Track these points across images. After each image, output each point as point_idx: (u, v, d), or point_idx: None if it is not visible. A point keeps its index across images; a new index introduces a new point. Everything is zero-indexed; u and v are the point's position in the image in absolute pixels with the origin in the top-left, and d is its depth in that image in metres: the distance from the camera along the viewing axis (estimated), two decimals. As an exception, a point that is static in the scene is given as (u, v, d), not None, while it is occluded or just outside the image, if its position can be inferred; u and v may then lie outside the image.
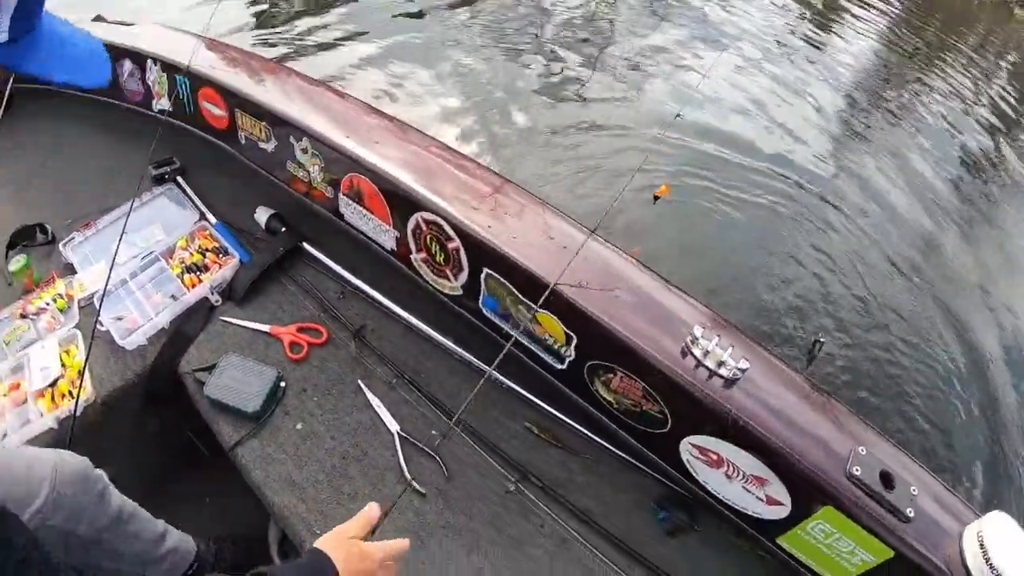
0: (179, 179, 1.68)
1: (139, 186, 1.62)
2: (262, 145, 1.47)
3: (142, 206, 1.64)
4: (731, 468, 1.00)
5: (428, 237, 1.20)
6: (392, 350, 1.32)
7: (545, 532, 1.10)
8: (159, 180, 1.69)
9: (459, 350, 1.31)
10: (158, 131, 1.45)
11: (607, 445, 1.19)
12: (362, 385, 1.25)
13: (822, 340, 2.55)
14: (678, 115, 3.95)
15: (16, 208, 1.72)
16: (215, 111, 1.57)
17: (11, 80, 1.83)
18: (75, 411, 1.23)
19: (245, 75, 1.56)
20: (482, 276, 1.15)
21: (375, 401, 1.23)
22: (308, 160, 1.36)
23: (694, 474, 1.07)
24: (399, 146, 1.33)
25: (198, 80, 1.58)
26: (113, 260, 1.31)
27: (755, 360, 1.00)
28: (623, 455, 1.18)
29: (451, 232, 1.14)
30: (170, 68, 1.64)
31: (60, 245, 1.59)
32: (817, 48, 5.65)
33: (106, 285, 1.35)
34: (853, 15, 6.81)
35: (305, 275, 1.45)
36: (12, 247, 1.69)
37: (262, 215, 1.54)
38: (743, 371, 0.98)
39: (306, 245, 1.48)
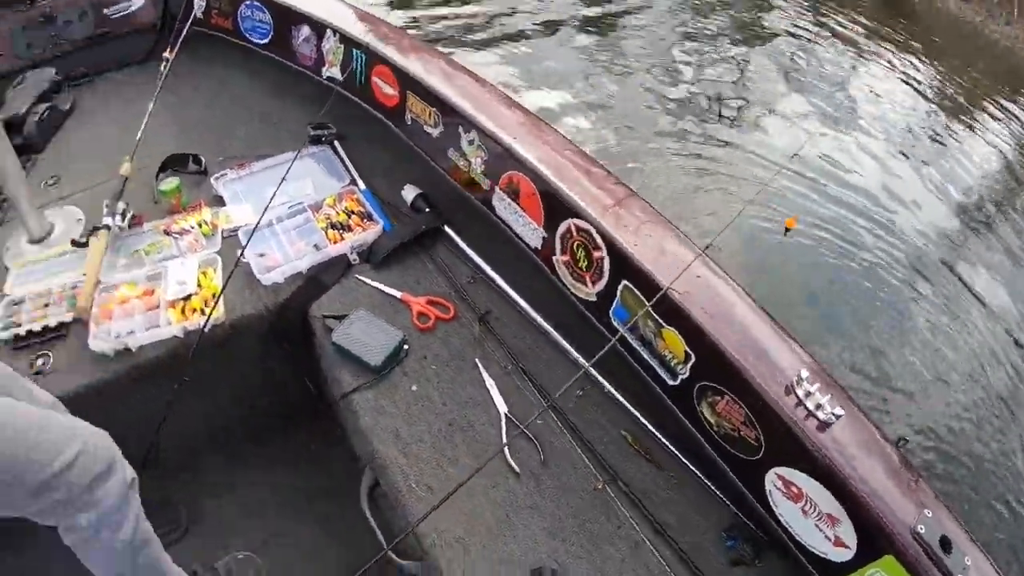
0: (336, 144, 2.27)
1: (303, 143, 2.20)
2: (428, 129, 2.03)
3: (296, 160, 2.15)
4: (809, 504, 1.39)
5: (576, 243, 1.66)
6: (511, 338, 1.78)
7: (621, 535, 1.50)
8: (315, 140, 2.28)
9: (572, 351, 1.72)
10: (332, 97, 2.04)
11: (692, 468, 1.57)
12: (479, 364, 1.71)
13: (907, 440, 2.98)
14: (795, 155, 4.76)
15: (174, 137, 2.38)
16: (386, 89, 2.15)
17: (190, 23, 2.52)
18: (204, 327, 1.74)
19: (417, 60, 2.12)
20: (619, 287, 1.59)
21: (489, 381, 1.68)
22: (472, 151, 1.88)
23: (772, 504, 1.45)
24: (537, 145, 1.81)
25: (375, 57, 2.16)
26: (269, 203, 1.85)
27: (848, 411, 1.37)
28: (705, 479, 1.56)
29: (600, 242, 1.60)
30: (349, 41, 2.25)
31: (212, 179, 2.19)
32: (950, 141, 6.20)
33: (257, 223, 1.88)
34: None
35: (440, 254, 1.97)
36: (163, 170, 2.31)
37: (409, 192, 2.09)
38: (837, 417, 1.37)
39: (446, 228, 2.01)
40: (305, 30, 2.43)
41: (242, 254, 1.85)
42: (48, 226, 2.27)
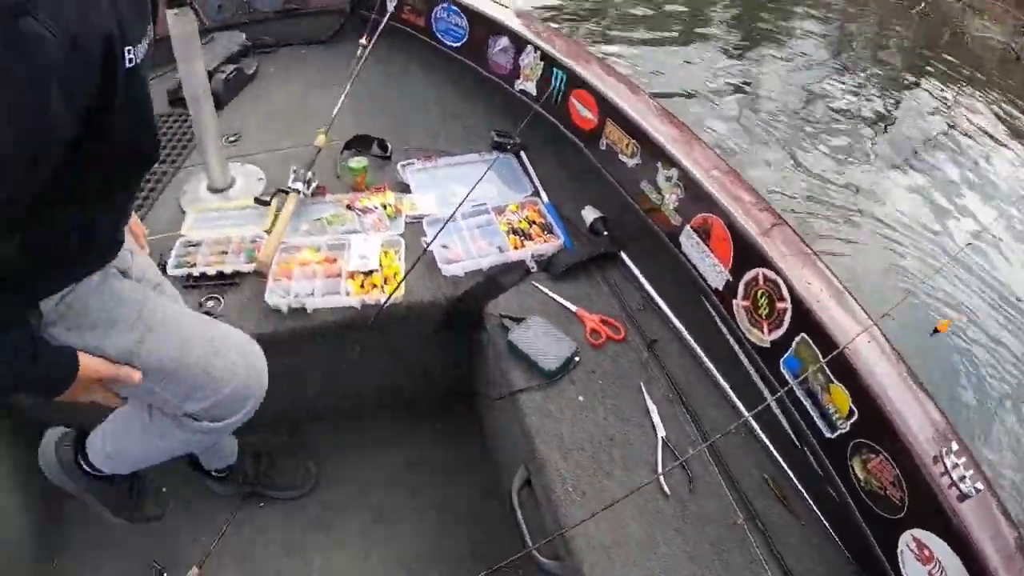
0: (522, 154, 2.74)
1: (485, 147, 2.78)
2: (623, 158, 2.41)
3: (480, 162, 2.70)
4: (937, 567, 1.63)
5: (761, 291, 1.98)
6: (675, 368, 2.12)
7: (752, 570, 1.78)
8: (498, 147, 2.74)
9: (733, 396, 2.07)
10: (530, 115, 2.48)
11: (825, 520, 1.89)
12: (643, 387, 2.06)
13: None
14: (969, 244, 5.08)
15: (359, 119, 2.88)
16: (584, 112, 2.57)
17: (387, 17, 3.06)
18: (384, 303, 2.15)
19: (619, 89, 2.51)
20: (797, 339, 1.91)
21: (651, 404, 2.02)
22: (668, 188, 2.23)
23: (901, 564, 1.71)
24: (734, 191, 2.15)
25: (577, 80, 2.58)
26: (464, 199, 2.26)
27: (985, 488, 1.62)
28: (834, 534, 1.87)
29: (786, 294, 1.91)
30: (551, 60, 2.69)
31: (398, 165, 2.65)
32: None
33: (451, 216, 2.27)
34: None
35: (614, 277, 2.35)
36: (347, 147, 2.83)
37: (590, 214, 2.48)
38: (977, 491, 1.60)
39: (622, 253, 2.40)
40: (504, 41, 2.95)
41: (430, 244, 2.29)
42: (230, 179, 2.78)
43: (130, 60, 0.98)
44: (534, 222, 2.49)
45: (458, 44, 3.32)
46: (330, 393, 2.55)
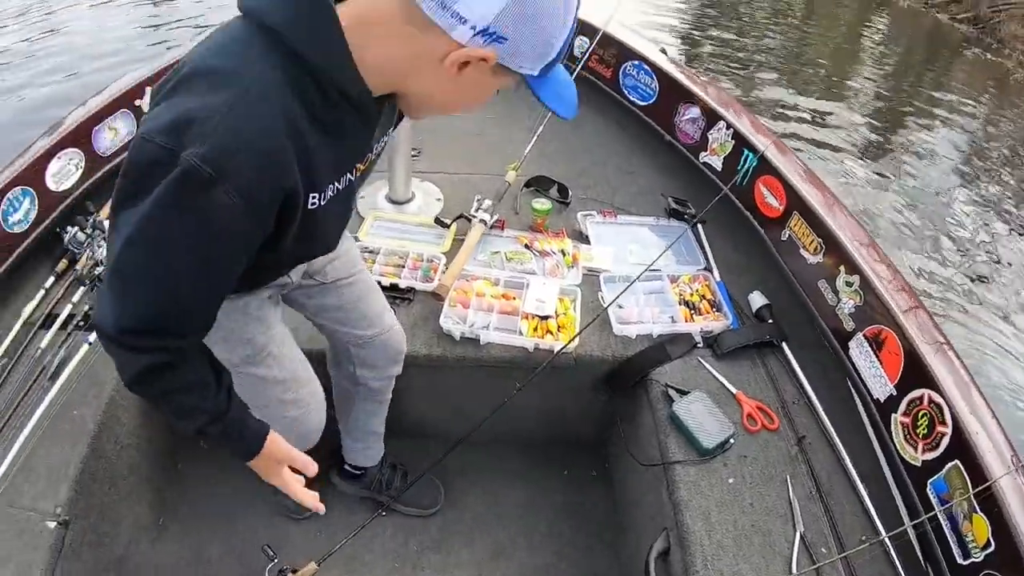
0: (699, 227, 2.95)
1: (661, 212, 3.03)
2: (804, 253, 2.57)
3: (657, 227, 2.93)
4: None
5: (922, 411, 2.13)
6: (820, 469, 2.28)
7: None
8: (674, 214, 2.95)
9: (872, 508, 2.24)
10: (718, 196, 2.63)
11: None
12: (788, 481, 2.22)
13: None
14: None
15: (540, 158, 3.12)
16: (770, 199, 2.74)
17: (579, 66, 3.44)
18: (557, 352, 2.35)
19: (806, 181, 2.68)
20: (949, 464, 2.05)
21: (794, 499, 2.19)
22: (848, 293, 2.38)
23: None
24: (873, 269, 2.36)
25: (767, 167, 2.76)
26: (646, 270, 2.46)
27: None
28: None
29: (948, 419, 2.05)
30: (743, 141, 2.89)
31: (579, 214, 2.89)
32: None
33: (631, 283, 2.49)
34: None
35: (772, 365, 2.52)
36: (528, 186, 3.08)
37: (758, 299, 2.67)
38: None
39: (785, 345, 2.58)
40: (694, 111, 3.18)
41: (609, 304, 2.52)
42: (410, 193, 3.09)
43: (313, 203, 1.22)
44: (704, 297, 2.70)
45: (645, 103, 3.58)
46: (485, 426, 2.84)
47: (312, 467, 1.59)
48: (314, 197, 1.22)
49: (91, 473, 2.26)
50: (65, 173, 2.87)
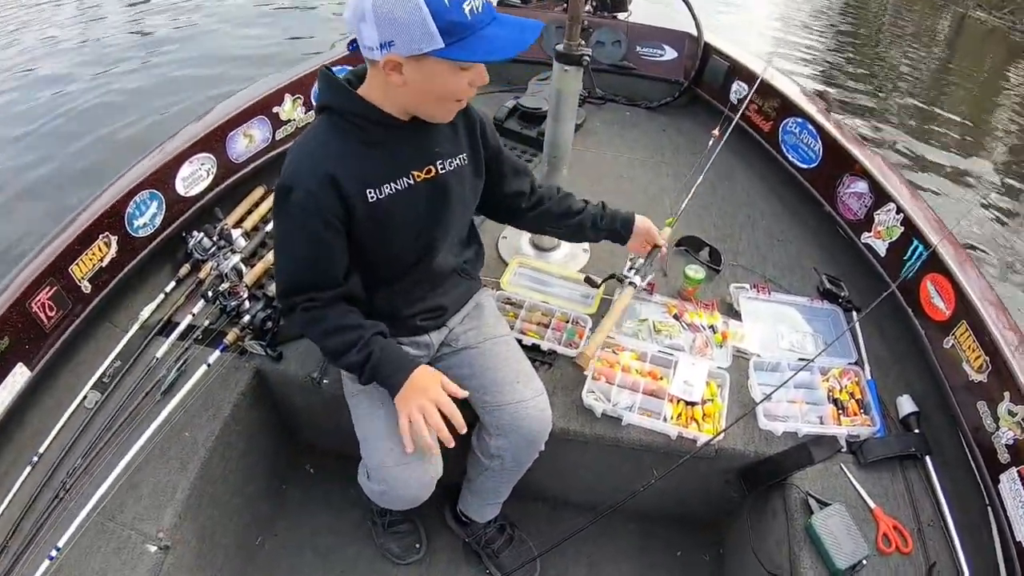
0: (853, 314, 2.80)
1: (814, 290, 2.91)
2: (966, 368, 2.38)
3: (807, 308, 2.77)
4: None
5: None
6: None
7: None
8: (827, 295, 2.83)
9: None
10: (885, 294, 2.44)
11: None
12: None
13: None
14: None
15: (687, 214, 2.97)
16: (936, 301, 2.57)
17: (740, 114, 3.32)
18: (702, 446, 2.26)
19: (982, 292, 2.49)
20: None
21: None
22: (1008, 423, 2.23)
23: None
24: None
25: (939, 265, 2.57)
26: (800, 370, 2.38)
27: None
28: None
29: None
30: (914, 229, 2.73)
31: (731, 287, 2.78)
32: None
33: (784, 383, 2.34)
34: None
35: (912, 479, 2.38)
36: (679, 245, 3.05)
37: (906, 405, 2.52)
38: None
39: (928, 459, 2.44)
40: (861, 186, 3.00)
41: (760, 402, 2.41)
42: (555, 241, 3.01)
43: (371, 197, 1.79)
44: (853, 395, 2.49)
45: (805, 167, 3.40)
46: (596, 495, 2.73)
47: (461, 392, 1.98)
48: (371, 192, 1.79)
49: (197, 498, 2.28)
50: (196, 178, 2.92)
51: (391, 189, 1.79)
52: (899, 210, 2.89)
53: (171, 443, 2.23)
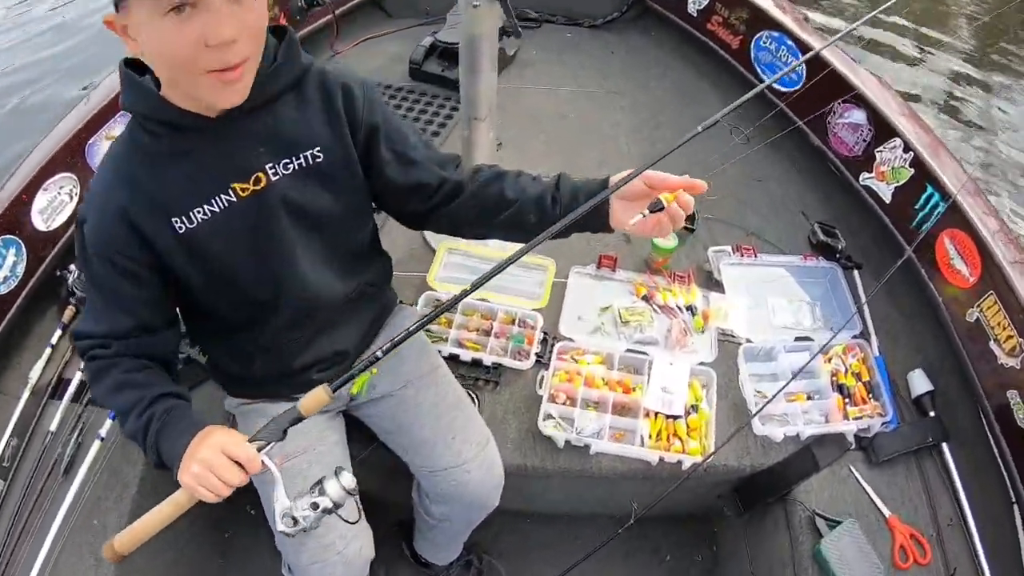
0: (855, 273, 2.44)
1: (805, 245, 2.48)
2: (994, 347, 2.02)
3: (801, 269, 2.39)
4: None
5: None
6: None
7: None
8: (823, 249, 2.46)
9: None
10: (904, 260, 2.15)
11: None
12: None
13: None
14: None
15: (643, 151, 2.59)
16: (958, 264, 2.17)
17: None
18: (689, 472, 1.94)
19: (1010, 254, 2.09)
20: None
21: None
22: None
23: None
24: None
25: (957, 216, 2.17)
26: (797, 373, 1.98)
27: None
28: None
29: None
30: (925, 173, 2.29)
31: (709, 251, 2.37)
32: None
33: (781, 389, 1.94)
34: None
35: (929, 471, 2.08)
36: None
37: (920, 384, 2.18)
38: None
39: (945, 446, 2.11)
40: (858, 116, 2.54)
41: (755, 414, 2.04)
42: None
43: (180, 228, 1.36)
44: (859, 377, 2.17)
45: (785, 90, 2.76)
46: (572, 507, 2.42)
47: (252, 467, 1.37)
48: (178, 221, 1.36)
49: None
50: (57, 206, 2.36)
51: (205, 214, 1.36)
52: (907, 148, 2.41)
53: (82, 534, 1.87)
